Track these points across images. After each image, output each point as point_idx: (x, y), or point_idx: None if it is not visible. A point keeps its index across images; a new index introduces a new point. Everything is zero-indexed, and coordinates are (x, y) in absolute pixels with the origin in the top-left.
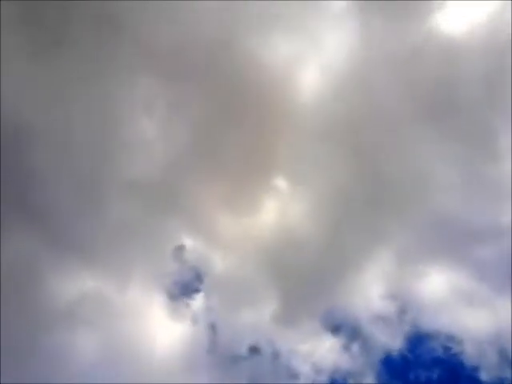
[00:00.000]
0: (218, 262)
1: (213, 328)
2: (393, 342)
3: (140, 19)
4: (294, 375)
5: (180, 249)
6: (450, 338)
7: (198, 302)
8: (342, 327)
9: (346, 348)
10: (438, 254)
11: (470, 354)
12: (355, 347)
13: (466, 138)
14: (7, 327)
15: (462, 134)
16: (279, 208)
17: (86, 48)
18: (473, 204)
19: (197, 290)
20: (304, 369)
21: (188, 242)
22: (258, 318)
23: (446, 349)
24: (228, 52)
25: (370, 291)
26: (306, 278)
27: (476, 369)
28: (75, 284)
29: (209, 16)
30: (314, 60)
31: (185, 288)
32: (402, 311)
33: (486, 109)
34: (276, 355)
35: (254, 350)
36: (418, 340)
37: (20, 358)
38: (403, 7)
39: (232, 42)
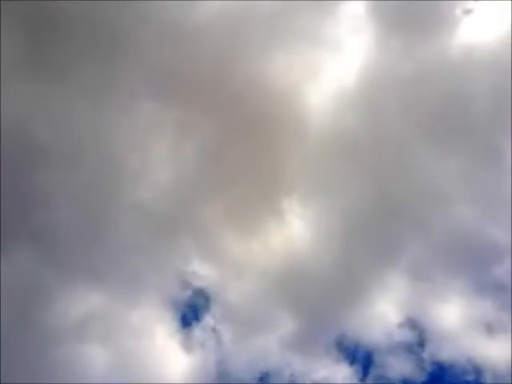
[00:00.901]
0: (228, 288)
1: (221, 355)
2: (410, 371)
3: (142, 42)
4: None
5: (188, 273)
6: (470, 368)
7: (206, 327)
8: (357, 355)
9: (362, 377)
10: (455, 277)
11: None
12: (371, 376)
13: (479, 154)
14: (15, 346)
15: (474, 150)
16: (288, 231)
17: (87, 72)
18: (487, 223)
19: (205, 316)
20: None
21: (196, 266)
22: (268, 345)
23: (466, 381)
24: (233, 71)
25: (384, 317)
26: (318, 304)
27: None
28: (81, 305)
29: (211, 37)
30: (321, 77)
31: (193, 313)
32: (419, 339)
33: (497, 125)
34: None
35: (265, 379)
36: (437, 369)
37: (26, 376)
38: (417, 27)
39: (237, 61)
